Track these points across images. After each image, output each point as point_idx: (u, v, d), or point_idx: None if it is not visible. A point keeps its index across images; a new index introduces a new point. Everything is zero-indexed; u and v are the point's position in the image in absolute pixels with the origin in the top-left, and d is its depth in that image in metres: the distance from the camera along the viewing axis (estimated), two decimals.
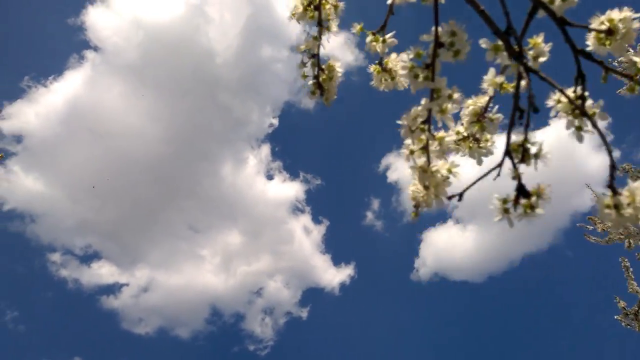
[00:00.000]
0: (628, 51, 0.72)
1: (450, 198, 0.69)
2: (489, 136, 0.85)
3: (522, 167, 0.68)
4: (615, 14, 0.68)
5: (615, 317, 3.51)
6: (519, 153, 0.66)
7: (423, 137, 0.71)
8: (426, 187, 0.70)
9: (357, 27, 0.80)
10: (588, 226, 4.13)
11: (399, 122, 0.71)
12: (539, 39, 0.70)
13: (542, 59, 0.69)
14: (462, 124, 0.85)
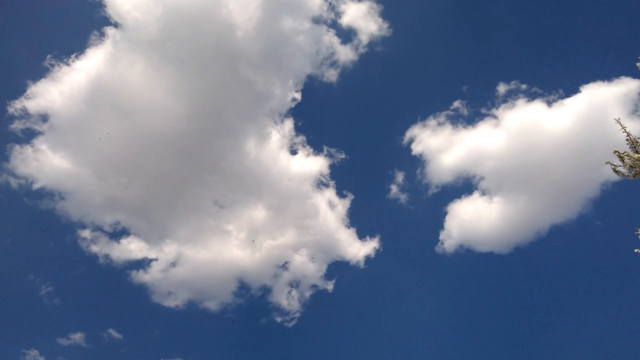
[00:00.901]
0: None
1: None
2: None
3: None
4: None
5: (636, 250, 3.37)
6: None
7: None
8: None
9: None
10: (614, 163, 4.05)
11: None
12: None
13: None
14: None
